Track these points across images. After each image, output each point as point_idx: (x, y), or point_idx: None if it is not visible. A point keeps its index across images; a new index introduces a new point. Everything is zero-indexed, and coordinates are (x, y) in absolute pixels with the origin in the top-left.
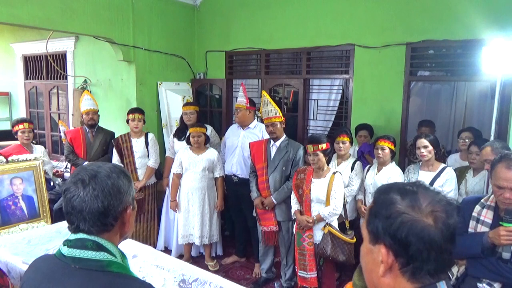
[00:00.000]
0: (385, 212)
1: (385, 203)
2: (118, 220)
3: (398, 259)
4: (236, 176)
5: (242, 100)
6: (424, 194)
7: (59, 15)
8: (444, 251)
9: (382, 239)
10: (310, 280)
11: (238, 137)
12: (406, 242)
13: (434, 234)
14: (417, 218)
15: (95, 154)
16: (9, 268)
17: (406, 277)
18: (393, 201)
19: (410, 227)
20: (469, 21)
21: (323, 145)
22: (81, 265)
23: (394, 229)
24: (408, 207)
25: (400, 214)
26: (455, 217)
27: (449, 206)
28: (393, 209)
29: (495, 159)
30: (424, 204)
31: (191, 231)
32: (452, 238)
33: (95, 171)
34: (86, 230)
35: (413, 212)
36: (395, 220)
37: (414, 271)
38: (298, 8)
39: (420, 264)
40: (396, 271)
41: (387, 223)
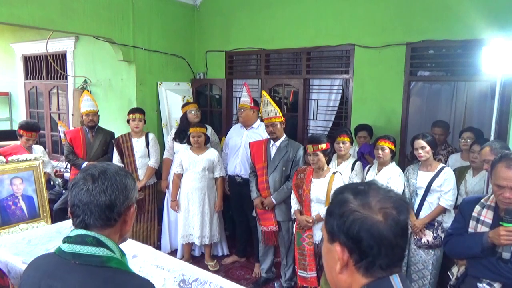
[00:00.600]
0: (338, 211)
1: (339, 203)
2: (121, 216)
3: (352, 256)
4: (239, 176)
5: (246, 100)
6: (375, 192)
7: (59, 15)
8: (395, 246)
9: (337, 237)
10: (310, 280)
11: (241, 137)
12: (358, 238)
13: (383, 230)
14: (368, 215)
15: (95, 154)
16: (9, 268)
17: (361, 272)
18: (346, 200)
19: (361, 224)
20: (469, 21)
21: (323, 145)
22: (81, 260)
23: (347, 227)
24: (359, 205)
25: (352, 212)
26: (406, 214)
27: (399, 202)
28: (345, 208)
29: (495, 159)
30: (374, 202)
31: (191, 231)
32: (403, 234)
33: (104, 168)
34: (90, 223)
35: (363, 210)
36: (347, 218)
37: (367, 266)
38: (298, 8)
39: (372, 259)
40: (351, 267)
41: (340, 221)
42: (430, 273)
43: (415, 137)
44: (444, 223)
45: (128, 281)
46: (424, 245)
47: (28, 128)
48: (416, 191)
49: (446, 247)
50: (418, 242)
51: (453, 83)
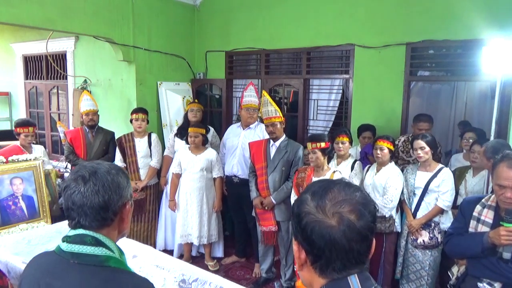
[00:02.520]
0: (296, 212)
1: (298, 203)
2: (117, 215)
3: (308, 256)
4: (236, 176)
5: (255, 100)
6: (337, 193)
7: (59, 15)
8: (349, 251)
9: (295, 237)
10: None
11: (238, 137)
12: (311, 241)
13: (335, 235)
14: (321, 219)
15: (95, 154)
16: (9, 268)
17: (317, 272)
18: (304, 201)
19: (313, 228)
20: (469, 21)
21: (321, 144)
22: (80, 260)
23: (301, 228)
24: (314, 207)
25: (306, 215)
26: (367, 217)
27: (362, 206)
28: (301, 209)
29: (497, 159)
30: (329, 205)
31: (190, 231)
32: (361, 239)
33: (95, 168)
34: (86, 225)
35: (317, 213)
36: (302, 220)
37: (321, 267)
38: (298, 8)
39: (325, 262)
40: (309, 266)
41: (296, 221)
42: (427, 273)
43: (414, 137)
44: (441, 224)
45: (127, 280)
46: (420, 245)
47: (23, 124)
48: (414, 191)
49: (447, 246)
50: (414, 242)
51: (453, 83)
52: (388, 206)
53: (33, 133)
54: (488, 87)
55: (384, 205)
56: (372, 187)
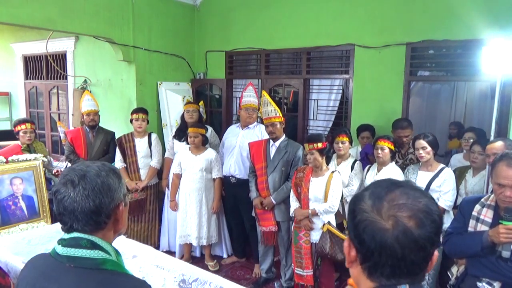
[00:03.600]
0: (351, 208)
1: (355, 199)
2: (111, 217)
3: (358, 255)
4: (233, 176)
5: (254, 100)
6: (398, 196)
7: (59, 15)
8: (402, 259)
9: (348, 233)
10: (306, 278)
11: (236, 137)
12: (362, 240)
13: (387, 239)
14: (374, 219)
15: (96, 154)
16: (9, 268)
17: (365, 274)
18: (361, 198)
19: (365, 227)
20: (469, 21)
21: (318, 144)
22: (76, 263)
23: (354, 226)
24: (370, 206)
25: (360, 212)
26: (428, 227)
27: (422, 213)
28: (357, 206)
29: (496, 158)
30: (387, 206)
31: (189, 231)
32: (418, 248)
33: (84, 171)
34: (80, 229)
35: (372, 212)
36: (355, 217)
37: (370, 269)
38: (298, 8)
39: (373, 265)
40: (358, 265)
41: (350, 218)
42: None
43: (416, 137)
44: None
45: (124, 283)
46: None
47: (21, 121)
48: None
49: (446, 246)
50: None
51: (453, 83)
52: None
53: (32, 130)
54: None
55: None
56: None
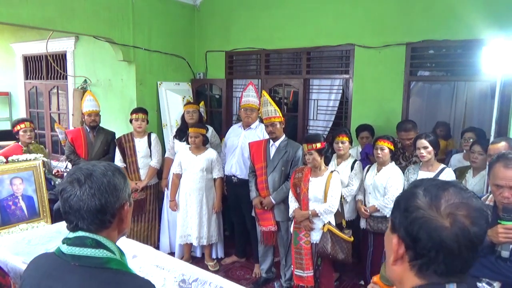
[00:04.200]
0: (404, 205)
1: (407, 196)
2: (116, 217)
3: (408, 252)
4: (235, 176)
5: (255, 100)
6: (453, 194)
7: (59, 15)
8: (457, 256)
9: (397, 230)
10: (307, 279)
11: (238, 137)
12: (416, 238)
13: (446, 237)
14: (432, 217)
15: (96, 154)
16: (9, 268)
17: (414, 271)
18: (415, 195)
19: (422, 224)
20: (469, 21)
21: (317, 144)
22: (81, 262)
23: (407, 223)
24: (426, 204)
25: (416, 209)
26: (481, 226)
27: (476, 213)
28: (411, 203)
29: (493, 159)
30: (445, 204)
31: (189, 231)
32: (472, 247)
33: (90, 170)
34: (85, 228)
35: (429, 209)
36: (410, 214)
37: (421, 267)
38: (298, 8)
39: (427, 262)
40: (405, 262)
41: (403, 215)
42: None
43: (417, 137)
44: None
45: (129, 282)
46: None
47: (20, 120)
48: None
49: None
50: None
51: (453, 83)
52: (389, 206)
53: (32, 128)
54: (488, 87)
55: (385, 205)
56: (373, 187)
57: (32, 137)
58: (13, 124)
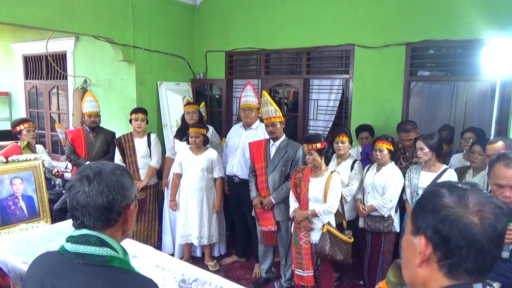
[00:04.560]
0: (430, 205)
1: (431, 196)
2: (121, 215)
3: (436, 252)
4: (237, 176)
5: (253, 100)
6: (474, 193)
7: (59, 15)
8: (486, 253)
9: (423, 231)
10: (307, 279)
11: (240, 138)
12: (447, 236)
13: (477, 233)
14: (462, 214)
15: (96, 154)
16: (9, 268)
17: (443, 271)
18: (440, 195)
19: (453, 222)
20: (469, 21)
21: (317, 144)
22: (85, 260)
23: (436, 222)
24: (454, 202)
25: (444, 208)
26: (504, 223)
27: (499, 210)
28: (438, 202)
29: (493, 159)
30: (472, 202)
31: (189, 231)
32: (498, 243)
33: (99, 168)
34: (90, 225)
35: (458, 207)
36: (439, 213)
37: (451, 266)
38: (298, 8)
39: (458, 261)
40: (433, 263)
41: (430, 215)
42: None
43: (417, 138)
44: None
45: (132, 280)
46: None
47: (22, 120)
48: (417, 191)
49: None
50: None
51: (453, 83)
52: (387, 206)
53: (34, 128)
54: (488, 87)
55: (383, 205)
56: (372, 187)
57: (35, 137)
58: (14, 124)
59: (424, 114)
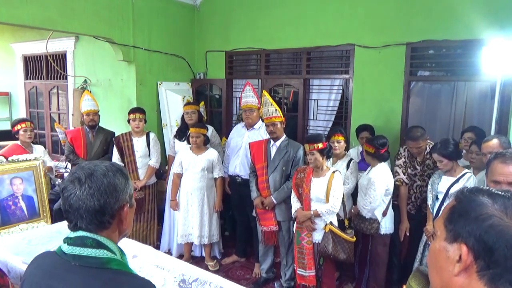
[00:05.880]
0: (474, 213)
1: (474, 203)
2: (115, 218)
3: (477, 262)
4: (239, 176)
5: (253, 100)
6: None
7: (59, 15)
8: None
9: (464, 239)
10: (309, 278)
11: (242, 138)
12: (493, 246)
13: None
14: (510, 224)
15: (96, 154)
16: (9, 268)
17: (483, 281)
18: (484, 203)
19: (500, 232)
20: (469, 21)
21: (319, 144)
22: (81, 262)
23: (481, 231)
24: (500, 211)
25: (490, 217)
26: None
27: None
28: (483, 211)
29: (490, 157)
30: None
31: (190, 230)
32: None
33: (91, 170)
34: (84, 228)
35: (505, 217)
36: (484, 222)
37: (493, 277)
38: (298, 8)
39: (501, 272)
40: (472, 273)
41: (474, 224)
42: None
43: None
44: None
45: (129, 282)
46: None
47: (20, 120)
48: (437, 195)
49: None
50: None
51: (453, 83)
52: (366, 207)
53: (32, 128)
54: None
55: (363, 206)
56: (361, 187)
57: (32, 137)
58: (13, 124)
59: (424, 114)
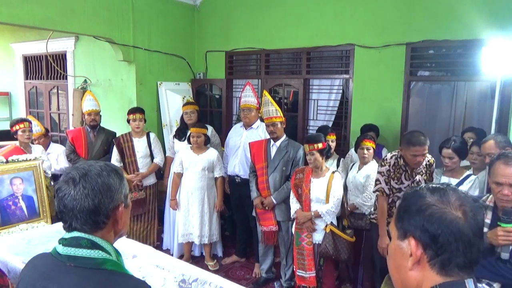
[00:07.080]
0: (414, 206)
1: (414, 198)
2: (110, 218)
3: (427, 252)
4: (238, 176)
5: (252, 100)
6: (453, 191)
7: (59, 15)
8: (472, 245)
9: (411, 233)
10: (309, 279)
11: (240, 138)
12: (436, 233)
13: (463, 227)
14: (447, 210)
15: (96, 154)
16: (9, 268)
17: (435, 269)
18: (423, 195)
19: (439, 219)
20: (469, 21)
21: (319, 145)
22: (76, 263)
23: (424, 221)
24: (437, 200)
25: (429, 206)
26: (482, 215)
27: (475, 203)
28: (422, 202)
29: (493, 158)
30: (453, 198)
31: (191, 230)
32: (481, 234)
33: (86, 170)
34: (79, 228)
35: (442, 204)
36: (424, 212)
37: (443, 263)
38: (298, 8)
39: (448, 256)
40: (424, 264)
41: (417, 216)
42: None
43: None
44: None
45: (124, 282)
46: None
47: (19, 120)
48: None
49: None
50: None
51: (453, 83)
52: (367, 203)
53: (30, 128)
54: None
55: (363, 202)
56: (353, 185)
57: (31, 137)
58: (12, 124)
59: (424, 114)
